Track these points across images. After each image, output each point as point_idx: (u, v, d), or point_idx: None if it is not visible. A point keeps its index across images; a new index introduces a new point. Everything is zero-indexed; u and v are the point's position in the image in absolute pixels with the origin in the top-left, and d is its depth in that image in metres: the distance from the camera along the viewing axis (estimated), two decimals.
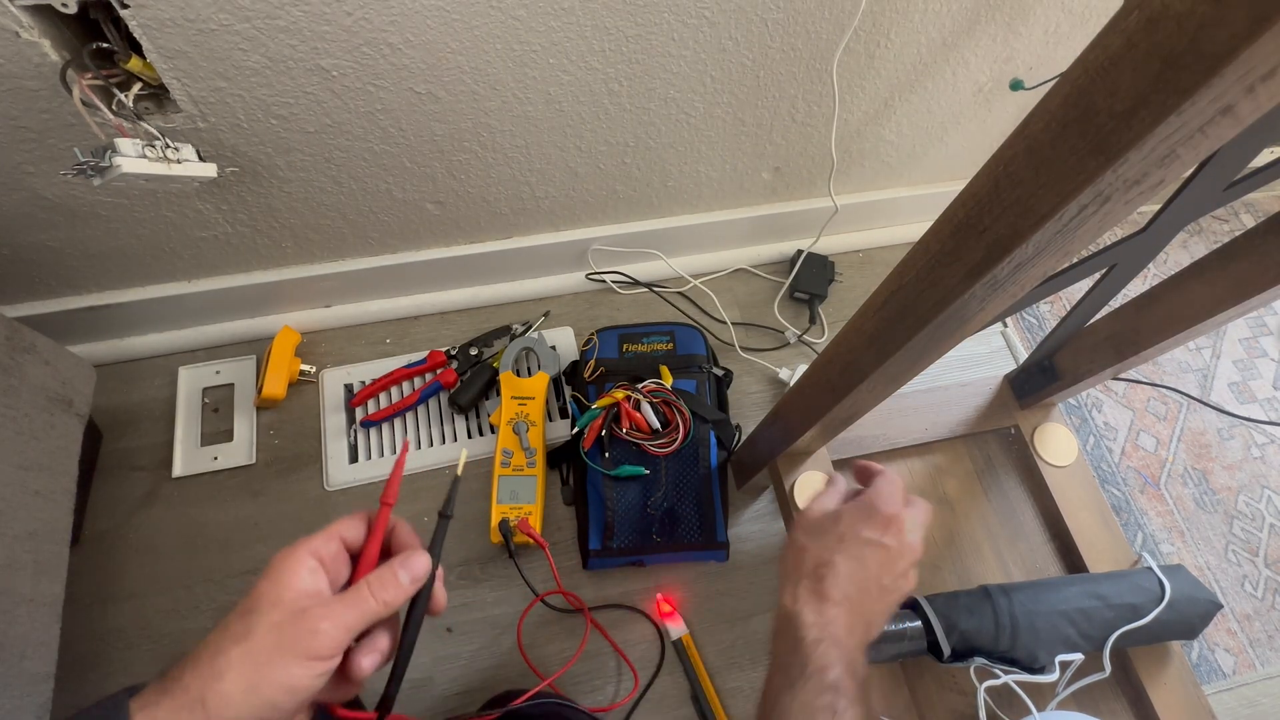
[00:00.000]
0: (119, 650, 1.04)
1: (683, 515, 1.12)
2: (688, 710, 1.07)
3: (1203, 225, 1.71)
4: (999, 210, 0.46)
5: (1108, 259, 0.81)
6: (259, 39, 0.81)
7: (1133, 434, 1.41)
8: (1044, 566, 1.06)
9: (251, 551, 1.11)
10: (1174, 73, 0.32)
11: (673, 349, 1.26)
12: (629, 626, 1.12)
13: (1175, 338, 0.86)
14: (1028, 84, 1.13)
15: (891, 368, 0.66)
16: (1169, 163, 0.38)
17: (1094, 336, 0.96)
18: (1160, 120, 0.34)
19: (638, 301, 1.39)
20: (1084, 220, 0.43)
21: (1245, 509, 1.36)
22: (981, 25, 1.08)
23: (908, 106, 1.21)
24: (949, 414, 1.12)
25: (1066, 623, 0.89)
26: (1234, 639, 1.24)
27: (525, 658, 1.05)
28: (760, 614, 1.15)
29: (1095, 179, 0.38)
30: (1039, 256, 0.47)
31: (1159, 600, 0.91)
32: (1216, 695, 1.18)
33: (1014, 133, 0.44)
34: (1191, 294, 0.83)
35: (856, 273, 1.46)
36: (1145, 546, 1.30)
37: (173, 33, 0.77)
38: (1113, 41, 0.35)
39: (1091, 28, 1.14)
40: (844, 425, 0.90)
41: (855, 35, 1.02)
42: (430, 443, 1.22)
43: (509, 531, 1.07)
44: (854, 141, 1.26)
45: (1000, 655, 0.88)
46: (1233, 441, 1.43)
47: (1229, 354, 1.53)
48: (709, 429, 1.18)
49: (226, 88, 0.85)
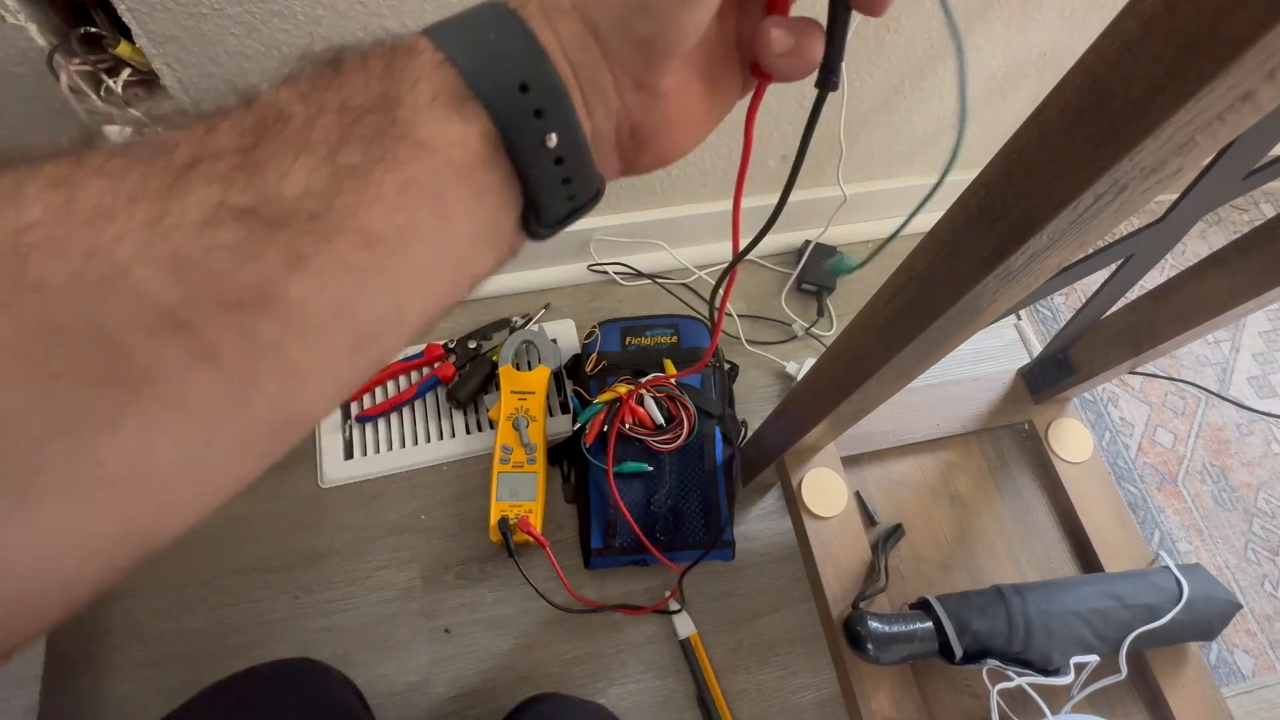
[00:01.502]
0: (107, 652, 1.02)
1: (687, 513, 1.10)
2: (694, 713, 1.06)
3: (1221, 215, 1.69)
4: (1012, 199, 0.45)
5: (1124, 249, 0.81)
6: (252, 24, 0.79)
7: (1149, 429, 1.39)
8: (1058, 566, 1.05)
9: (243, 551, 1.10)
10: (1192, 58, 0.32)
11: (677, 342, 1.24)
12: (634, 627, 1.10)
13: (1193, 330, 0.86)
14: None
15: (901, 361, 0.65)
16: (1187, 150, 0.37)
17: (1110, 329, 0.96)
18: (1178, 107, 0.33)
19: (641, 293, 1.37)
20: (1100, 209, 0.42)
21: (1265, 506, 1.33)
22: (995, 9, 1.05)
23: (919, 93, 1.19)
24: (961, 409, 1.10)
25: (1081, 623, 0.88)
26: (1254, 640, 1.22)
27: None
28: (768, 614, 1.13)
29: (1111, 167, 0.38)
30: (1054, 247, 0.46)
31: (1176, 600, 0.91)
32: (1236, 698, 1.16)
33: (1028, 120, 0.43)
34: (1210, 285, 0.83)
35: (866, 264, 1.43)
36: (1162, 545, 1.28)
37: (162, 17, 0.76)
38: (1129, 26, 0.35)
39: (1107, 12, 1.11)
40: (853, 421, 0.89)
41: (865, 20, 1.00)
42: (428, 439, 1.20)
43: (509, 530, 1.06)
44: (863, 129, 1.23)
45: (1013, 657, 0.87)
46: (1252, 437, 1.40)
47: (1248, 347, 1.51)
48: (714, 424, 1.16)
49: (218, 74, 0.83)
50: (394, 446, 1.18)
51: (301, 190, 0.25)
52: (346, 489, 1.16)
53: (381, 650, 1.05)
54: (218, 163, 0.23)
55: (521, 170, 0.30)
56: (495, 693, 1.04)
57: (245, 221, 0.23)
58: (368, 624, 1.06)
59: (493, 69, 0.28)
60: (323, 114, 0.26)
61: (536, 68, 0.29)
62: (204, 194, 0.23)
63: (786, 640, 1.12)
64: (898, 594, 1.02)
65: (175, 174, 0.23)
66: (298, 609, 1.06)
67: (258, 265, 0.23)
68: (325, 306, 0.26)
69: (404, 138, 0.27)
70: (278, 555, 1.09)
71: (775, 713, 1.08)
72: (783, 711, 1.08)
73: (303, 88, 0.27)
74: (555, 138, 0.30)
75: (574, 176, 0.32)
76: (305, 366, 0.26)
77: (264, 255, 0.23)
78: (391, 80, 0.27)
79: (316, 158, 0.25)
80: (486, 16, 0.29)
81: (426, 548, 1.12)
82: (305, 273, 0.24)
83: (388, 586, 1.09)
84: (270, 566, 1.08)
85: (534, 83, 0.29)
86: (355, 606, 1.07)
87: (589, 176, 0.32)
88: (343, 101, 0.26)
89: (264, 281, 0.24)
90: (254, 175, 0.24)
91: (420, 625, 1.07)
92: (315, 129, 0.25)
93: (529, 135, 0.29)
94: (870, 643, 0.87)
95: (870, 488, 1.09)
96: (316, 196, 0.25)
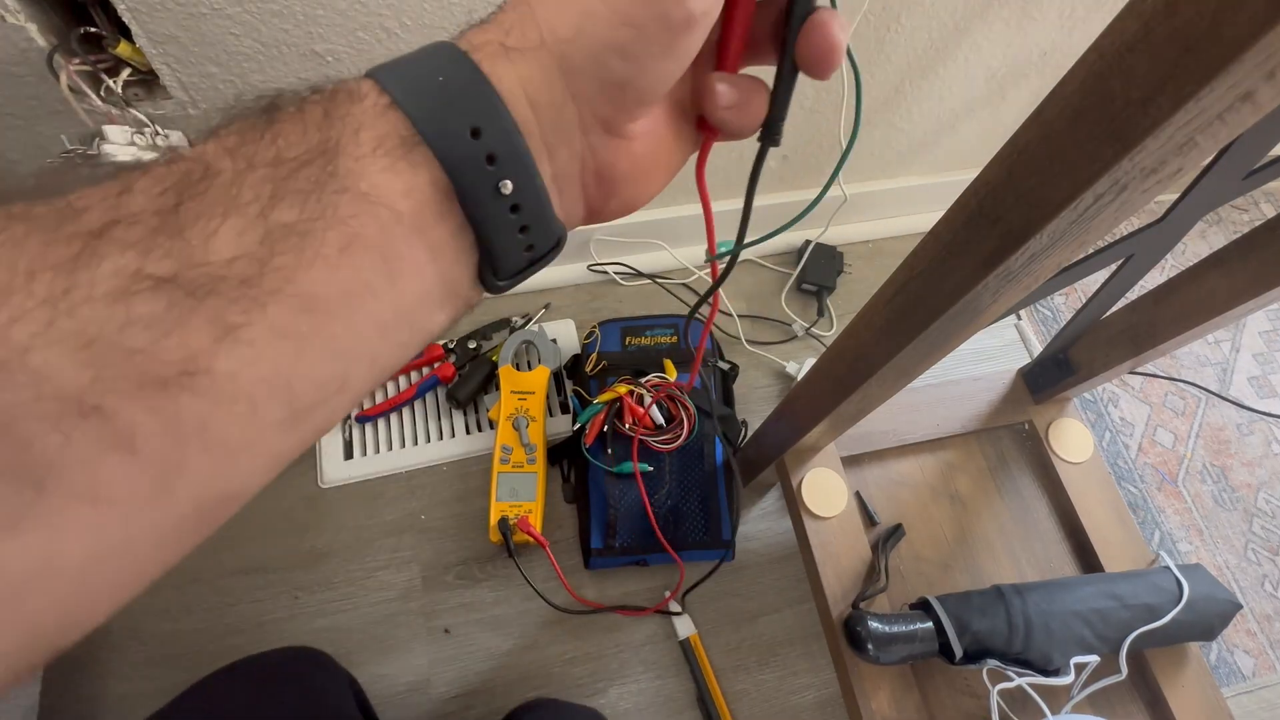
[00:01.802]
0: (106, 652, 1.02)
1: (687, 513, 1.10)
2: (694, 713, 1.06)
3: (1222, 215, 1.69)
4: (1013, 199, 0.45)
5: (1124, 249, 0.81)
6: (251, 23, 0.79)
7: (1150, 429, 1.39)
8: (1058, 566, 1.05)
9: (243, 551, 1.10)
10: (1192, 58, 0.32)
11: (677, 342, 1.24)
12: (633, 627, 1.10)
13: (1193, 330, 0.86)
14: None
15: (902, 361, 0.65)
16: (1187, 150, 0.37)
17: (1110, 329, 0.95)
18: (1178, 107, 0.33)
19: (641, 293, 1.37)
20: (1100, 209, 0.42)
21: (1266, 506, 1.33)
22: (995, 9, 1.05)
23: (919, 93, 1.19)
24: (961, 409, 1.10)
25: (1081, 624, 0.88)
26: (1254, 640, 1.22)
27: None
28: (768, 614, 1.13)
29: (1112, 167, 0.38)
30: (1054, 247, 0.46)
31: (1177, 600, 0.91)
32: (1236, 698, 1.16)
33: (1028, 119, 0.43)
34: (1210, 285, 0.83)
35: (866, 264, 1.44)
36: (1163, 545, 1.28)
37: (162, 17, 0.76)
38: (1130, 26, 0.35)
39: (1108, 11, 1.11)
40: (853, 421, 0.89)
41: (865, 19, 1.00)
42: (428, 439, 1.20)
43: (508, 530, 1.06)
44: (864, 128, 1.23)
45: (1013, 657, 0.87)
46: (1252, 437, 1.40)
47: (1249, 347, 1.50)
48: (714, 424, 1.16)
49: (218, 73, 0.83)
50: (394, 446, 1.18)
51: (231, 254, 0.23)
52: (346, 489, 1.16)
53: (381, 650, 1.05)
54: (134, 227, 0.21)
55: (475, 220, 0.28)
56: (495, 693, 1.04)
57: (165, 291, 0.21)
58: (367, 624, 1.06)
59: (441, 113, 0.27)
60: (253, 168, 0.24)
61: (489, 111, 0.27)
62: (117, 263, 0.21)
63: (786, 640, 1.12)
64: (898, 594, 1.02)
65: (83, 241, 0.21)
66: (297, 609, 1.06)
67: (181, 339, 0.21)
68: (260, 378, 0.24)
69: (345, 190, 0.25)
70: (278, 555, 1.09)
71: (775, 713, 1.07)
72: (783, 712, 1.08)
73: (231, 141, 0.25)
74: (510, 184, 0.28)
75: (532, 224, 0.30)
76: (237, 444, 0.24)
77: (188, 327, 0.21)
78: (330, 128, 0.25)
79: (247, 217, 0.23)
80: (436, 57, 0.28)
81: (426, 548, 1.12)
82: (236, 343, 0.22)
83: (387, 587, 1.09)
84: (270, 566, 1.08)
85: (486, 126, 0.27)
86: (355, 606, 1.07)
87: (548, 224, 0.31)
88: (276, 154, 0.24)
89: (188, 357, 0.22)
90: (176, 239, 0.22)
91: (420, 625, 1.07)
92: (245, 185, 0.24)
93: (482, 182, 0.28)
94: (870, 643, 0.87)
95: (870, 488, 1.09)
96: (248, 260, 0.23)
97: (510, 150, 0.28)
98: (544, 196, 0.30)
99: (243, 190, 0.23)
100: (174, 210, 0.22)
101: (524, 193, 0.29)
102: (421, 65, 0.27)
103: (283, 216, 0.24)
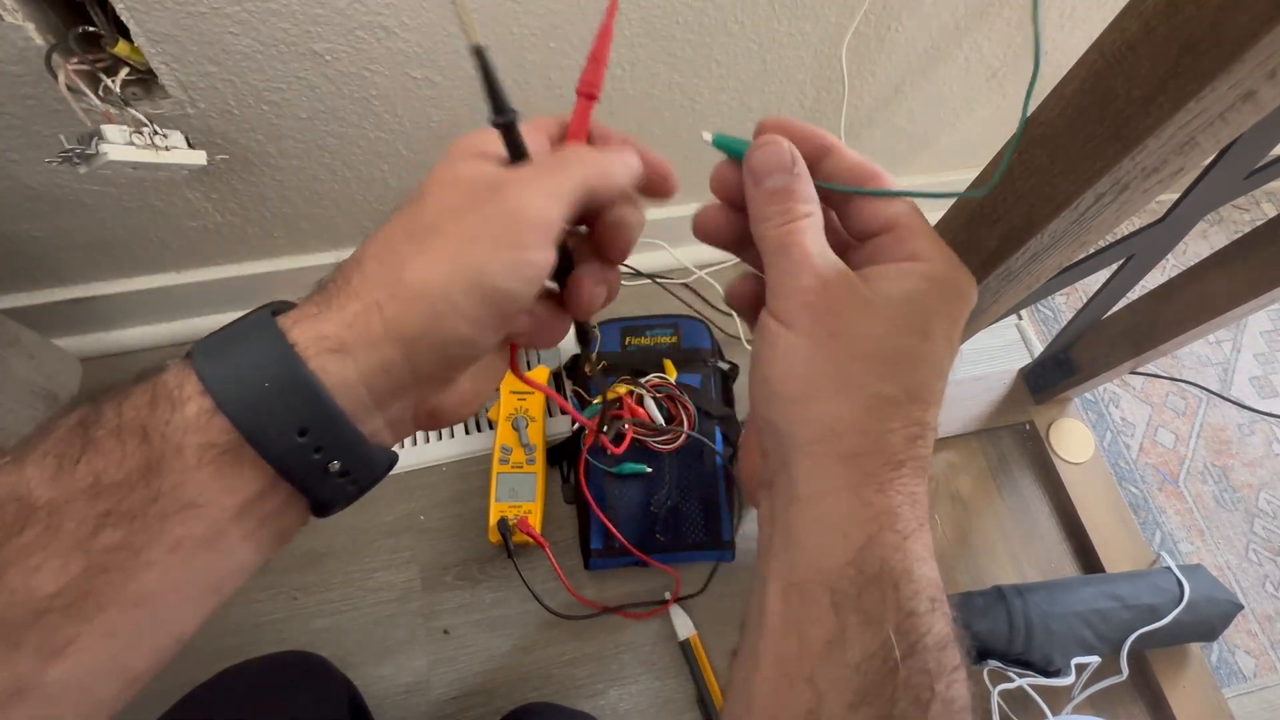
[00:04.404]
0: None
1: (687, 514, 1.10)
2: (694, 714, 1.06)
3: (1223, 215, 1.68)
4: (1013, 199, 0.45)
5: (1125, 249, 0.81)
6: (250, 22, 0.79)
7: (1151, 430, 1.38)
8: (1059, 566, 1.05)
9: None
10: (1194, 58, 0.32)
11: (677, 342, 1.23)
12: (633, 628, 1.10)
13: (1195, 330, 0.86)
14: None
15: None
16: (1188, 150, 0.37)
17: (1111, 329, 0.95)
18: (1179, 106, 0.33)
19: (640, 293, 1.37)
20: (1101, 209, 0.42)
21: (1267, 507, 1.33)
22: (995, 8, 1.05)
23: (919, 92, 1.18)
24: (961, 409, 1.10)
25: (1082, 624, 0.88)
26: (1255, 641, 1.21)
27: None
28: None
29: (1113, 167, 0.38)
30: (1055, 247, 0.46)
31: (1178, 601, 0.91)
32: (1237, 698, 1.15)
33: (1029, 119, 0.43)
34: (1211, 285, 0.83)
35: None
36: (1164, 546, 1.27)
37: (161, 15, 0.75)
38: (1130, 25, 0.35)
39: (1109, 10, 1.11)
40: None
41: (865, 18, 0.99)
42: (427, 439, 1.20)
43: (508, 531, 1.05)
44: (864, 128, 1.23)
45: (1014, 658, 0.87)
46: (1254, 437, 1.40)
47: (1250, 347, 1.50)
48: (714, 425, 1.15)
49: (216, 72, 0.83)
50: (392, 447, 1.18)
51: (54, 588, 0.23)
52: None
53: (380, 651, 1.05)
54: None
55: (304, 490, 0.30)
56: (494, 694, 1.04)
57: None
58: (366, 625, 1.06)
59: (267, 419, 0.28)
60: (73, 499, 0.24)
61: (315, 410, 0.28)
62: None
63: None
64: None
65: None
66: (296, 610, 1.06)
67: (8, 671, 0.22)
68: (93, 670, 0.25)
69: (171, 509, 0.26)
70: (276, 556, 1.09)
71: None
72: None
73: (49, 466, 0.25)
74: (339, 463, 0.30)
75: (360, 478, 0.32)
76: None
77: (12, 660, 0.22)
78: (151, 447, 0.26)
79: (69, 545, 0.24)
80: (262, 355, 0.28)
81: (425, 548, 1.12)
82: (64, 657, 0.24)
83: (387, 587, 1.09)
84: (268, 567, 1.07)
85: (314, 424, 0.28)
86: (354, 607, 1.07)
87: (374, 467, 0.33)
88: (95, 479, 0.25)
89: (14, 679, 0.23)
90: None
91: (419, 626, 1.07)
92: (66, 516, 0.24)
93: (310, 468, 0.29)
94: None
95: None
96: (74, 586, 0.24)
97: (336, 439, 0.30)
98: (370, 456, 0.32)
99: (65, 521, 0.24)
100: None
101: (351, 463, 0.31)
102: (245, 365, 0.28)
103: (107, 540, 0.25)
